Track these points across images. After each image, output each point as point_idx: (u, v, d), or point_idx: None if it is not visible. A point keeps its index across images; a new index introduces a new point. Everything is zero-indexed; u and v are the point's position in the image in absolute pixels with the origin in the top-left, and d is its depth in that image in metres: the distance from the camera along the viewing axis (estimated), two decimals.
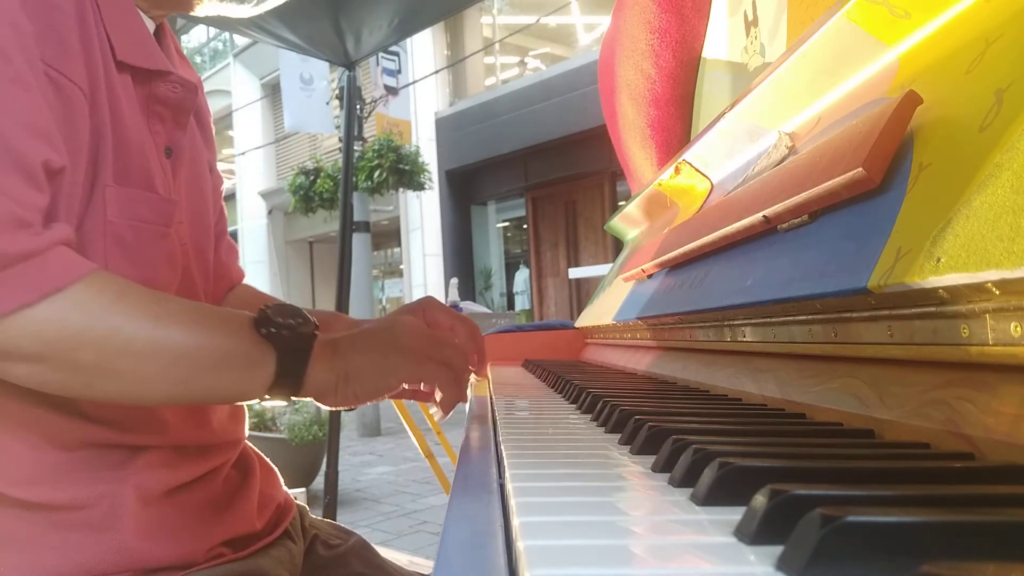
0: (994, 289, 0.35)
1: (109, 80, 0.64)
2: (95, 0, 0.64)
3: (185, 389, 0.61)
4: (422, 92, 10.84)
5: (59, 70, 0.60)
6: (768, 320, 0.62)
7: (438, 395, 0.68)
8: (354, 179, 5.17)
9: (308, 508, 0.92)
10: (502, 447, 0.47)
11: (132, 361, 0.58)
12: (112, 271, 0.60)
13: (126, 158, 0.65)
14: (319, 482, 3.72)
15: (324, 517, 1.07)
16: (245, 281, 0.96)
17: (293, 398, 0.65)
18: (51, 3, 0.60)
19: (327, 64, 7.78)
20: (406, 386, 0.68)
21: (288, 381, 0.63)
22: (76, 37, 0.62)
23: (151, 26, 0.73)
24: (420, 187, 8.37)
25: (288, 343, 0.62)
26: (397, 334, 0.67)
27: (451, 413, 0.70)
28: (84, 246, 0.62)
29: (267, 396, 0.63)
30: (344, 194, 3.03)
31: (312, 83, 8.61)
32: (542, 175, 10.50)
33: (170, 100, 0.70)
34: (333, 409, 0.68)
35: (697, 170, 1.05)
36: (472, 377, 0.84)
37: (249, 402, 0.67)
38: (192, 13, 0.77)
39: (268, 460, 0.84)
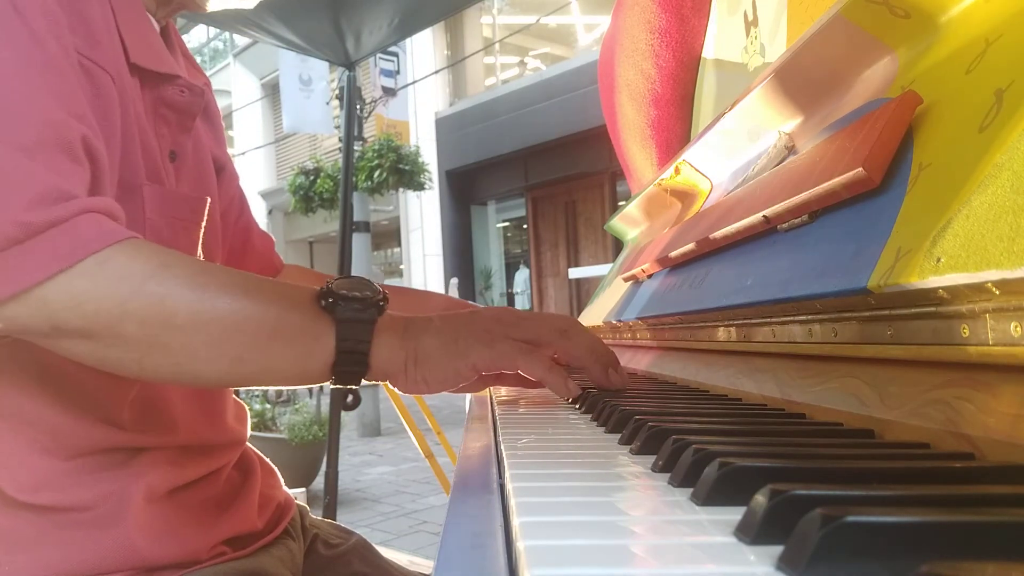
0: (994, 289, 0.35)
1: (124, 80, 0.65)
2: (110, 0, 0.64)
3: (241, 367, 0.57)
4: (422, 92, 10.85)
5: (91, 58, 0.60)
6: (768, 320, 0.62)
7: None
8: (354, 179, 5.16)
9: (308, 508, 0.92)
10: (502, 447, 0.46)
11: (178, 334, 0.54)
12: None
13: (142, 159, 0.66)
14: (319, 482, 3.72)
15: (324, 517, 1.07)
16: None
17: (364, 381, 0.60)
18: None
19: (327, 64, 7.78)
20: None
21: (352, 359, 0.58)
22: (103, 30, 0.62)
23: (157, 27, 0.73)
24: (420, 187, 8.38)
25: (347, 315, 0.58)
26: (475, 318, 0.63)
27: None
28: None
29: (334, 379, 0.59)
30: (344, 194, 3.03)
31: (311, 83, 8.60)
32: (542, 175, 10.50)
33: (177, 104, 0.71)
34: (404, 394, 0.65)
35: (697, 170, 1.05)
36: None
37: (316, 384, 0.62)
38: (199, 11, 0.77)
39: (268, 461, 0.84)
